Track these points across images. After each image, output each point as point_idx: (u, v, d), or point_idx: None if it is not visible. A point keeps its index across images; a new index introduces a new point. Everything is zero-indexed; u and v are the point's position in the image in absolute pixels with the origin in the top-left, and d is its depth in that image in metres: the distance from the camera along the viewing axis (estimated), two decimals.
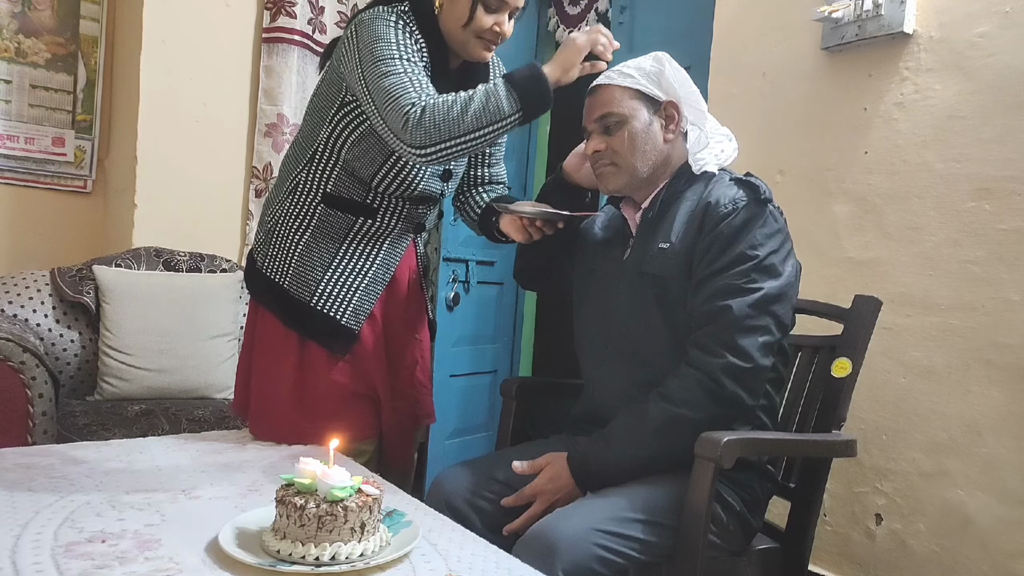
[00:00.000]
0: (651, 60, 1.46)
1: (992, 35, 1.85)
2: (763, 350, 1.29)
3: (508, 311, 3.47)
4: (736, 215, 1.33)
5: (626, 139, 1.42)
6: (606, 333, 1.46)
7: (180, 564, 0.91)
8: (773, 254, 1.32)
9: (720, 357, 1.27)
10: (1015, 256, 1.79)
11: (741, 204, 1.34)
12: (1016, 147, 1.80)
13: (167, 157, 2.63)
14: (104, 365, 2.27)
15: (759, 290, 1.29)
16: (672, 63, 1.46)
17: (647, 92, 1.43)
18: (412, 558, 0.98)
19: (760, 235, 1.32)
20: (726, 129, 1.54)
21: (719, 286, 1.30)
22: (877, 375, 2.01)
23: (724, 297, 1.29)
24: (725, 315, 1.28)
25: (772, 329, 1.31)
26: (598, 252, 1.56)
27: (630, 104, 1.42)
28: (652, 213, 1.45)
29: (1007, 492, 1.78)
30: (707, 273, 1.32)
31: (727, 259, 1.31)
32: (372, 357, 1.60)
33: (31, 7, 2.58)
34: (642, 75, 1.43)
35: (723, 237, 1.32)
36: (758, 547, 1.44)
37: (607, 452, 1.30)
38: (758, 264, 1.31)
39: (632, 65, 1.46)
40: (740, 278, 1.30)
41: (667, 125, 1.44)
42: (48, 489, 1.13)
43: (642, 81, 1.43)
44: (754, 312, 1.28)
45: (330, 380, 1.55)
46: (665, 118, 1.44)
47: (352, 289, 1.57)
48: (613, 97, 1.43)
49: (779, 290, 1.31)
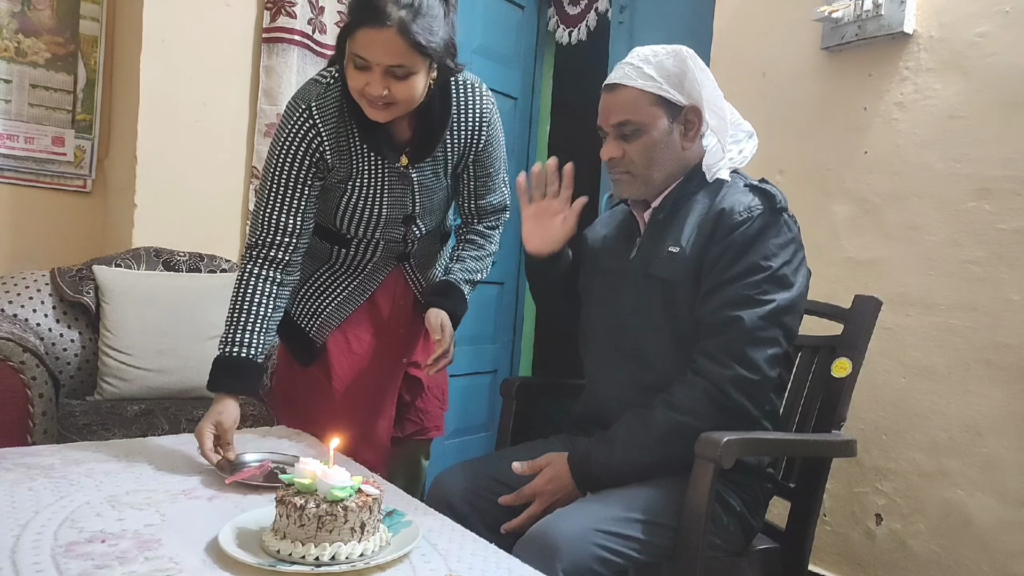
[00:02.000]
0: (673, 59, 1.36)
1: (992, 35, 1.84)
2: (771, 362, 1.29)
3: (508, 311, 3.47)
4: (751, 224, 1.30)
5: (643, 149, 1.36)
6: (610, 334, 1.45)
7: (180, 564, 0.91)
8: (786, 265, 1.30)
9: (729, 368, 1.26)
10: (1015, 256, 1.79)
11: (756, 213, 1.31)
12: (1016, 147, 1.80)
13: (167, 157, 2.62)
14: (104, 365, 2.27)
15: (771, 302, 1.28)
16: (695, 60, 1.37)
17: (668, 97, 1.35)
18: (412, 558, 0.98)
19: (774, 245, 1.30)
20: (748, 125, 1.47)
21: (730, 296, 1.29)
22: (877, 375, 2.01)
23: (735, 308, 1.28)
24: (736, 326, 1.27)
25: (781, 341, 1.30)
26: (604, 249, 1.54)
27: (649, 111, 1.35)
28: (663, 215, 1.41)
29: (1007, 492, 1.78)
30: (718, 282, 1.30)
31: (739, 269, 1.29)
32: (338, 378, 1.66)
33: (31, 7, 2.58)
34: (664, 77, 1.35)
35: (736, 246, 1.30)
36: (758, 547, 1.44)
37: (610, 455, 1.30)
38: (771, 275, 1.29)
39: (653, 62, 1.36)
40: (752, 289, 1.28)
41: (687, 132, 1.39)
42: (48, 489, 1.13)
43: (664, 85, 1.35)
44: (765, 324, 1.27)
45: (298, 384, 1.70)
46: (685, 123, 1.38)
47: (322, 307, 1.65)
48: (632, 102, 1.35)
49: (790, 302, 1.30)
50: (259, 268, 1.48)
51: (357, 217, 1.56)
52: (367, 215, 1.56)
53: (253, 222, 1.51)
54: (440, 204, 1.65)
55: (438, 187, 1.60)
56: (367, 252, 1.63)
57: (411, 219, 1.59)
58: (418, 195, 1.57)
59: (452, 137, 1.55)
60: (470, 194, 1.67)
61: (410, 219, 1.59)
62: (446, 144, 1.55)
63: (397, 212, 1.57)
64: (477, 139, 1.57)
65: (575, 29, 3.35)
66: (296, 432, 1.59)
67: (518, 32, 3.37)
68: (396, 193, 1.55)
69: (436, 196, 1.61)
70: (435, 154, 1.54)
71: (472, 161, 1.61)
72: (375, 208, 1.55)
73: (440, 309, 1.60)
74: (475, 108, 1.55)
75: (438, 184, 1.59)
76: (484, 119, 1.57)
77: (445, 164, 1.58)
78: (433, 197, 1.60)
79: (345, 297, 1.66)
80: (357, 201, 1.54)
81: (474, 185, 1.66)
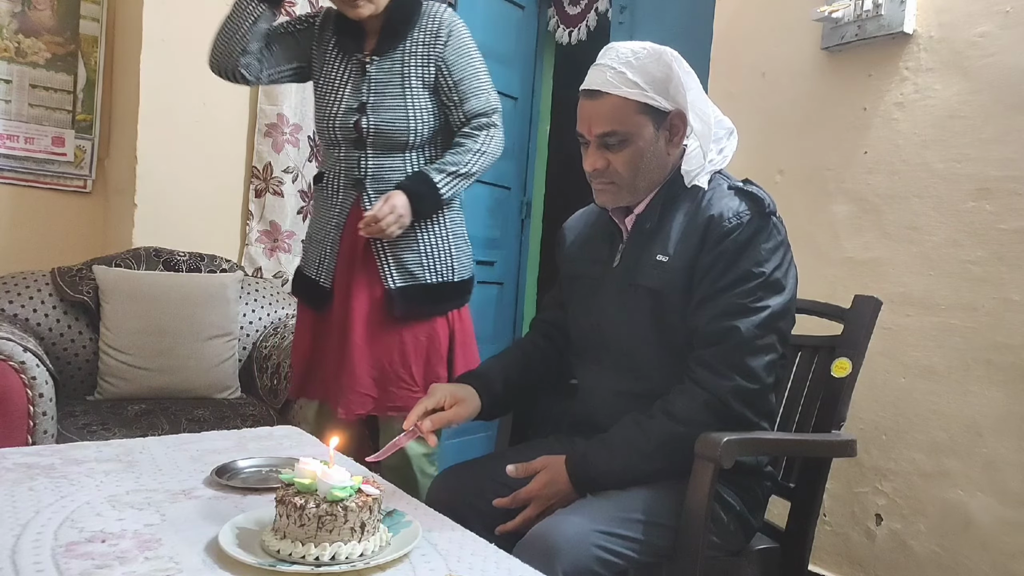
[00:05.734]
0: (657, 62, 1.30)
1: (992, 35, 1.84)
2: (769, 369, 1.29)
3: (508, 311, 3.48)
4: (741, 231, 1.28)
5: (629, 159, 1.32)
6: (599, 345, 1.43)
7: (180, 564, 0.91)
8: (777, 269, 1.30)
9: (729, 379, 1.26)
10: (1015, 256, 1.79)
11: (745, 219, 1.29)
12: (1016, 147, 1.79)
13: (167, 157, 2.63)
14: (104, 365, 2.27)
15: (765, 308, 1.27)
16: (680, 63, 1.33)
17: (655, 104, 1.29)
18: (412, 558, 0.98)
19: (765, 251, 1.29)
20: (728, 122, 1.43)
21: (725, 305, 1.28)
22: (877, 375, 2.01)
23: (731, 317, 1.27)
24: (733, 336, 1.26)
25: (777, 346, 1.30)
26: (583, 255, 1.50)
27: (635, 120, 1.29)
28: (649, 224, 1.37)
29: (1007, 492, 1.78)
30: (712, 291, 1.29)
31: (732, 276, 1.28)
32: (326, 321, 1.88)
33: (31, 7, 2.58)
34: (649, 83, 1.28)
35: (728, 254, 1.28)
36: (758, 547, 1.44)
37: (609, 460, 1.29)
38: (764, 281, 1.28)
39: (636, 66, 1.29)
40: (746, 297, 1.27)
41: (672, 138, 1.35)
42: (48, 489, 1.13)
43: (649, 91, 1.28)
44: (761, 332, 1.27)
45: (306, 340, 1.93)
46: (670, 128, 1.34)
47: (311, 242, 1.93)
48: (617, 112, 1.29)
49: (783, 306, 1.30)
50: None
51: (325, 109, 1.83)
52: (330, 100, 1.82)
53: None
54: (396, 107, 1.80)
55: (393, 85, 1.80)
56: (334, 180, 1.86)
57: (363, 108, 1.79)
58: (372, 84, 1.80)
59: (412, 40, 1.80)
60: (455, 105, 1.83)
61: (362, 108, 1.79)
62: (407, 46, 1.80)
63: (353, 100, 1.80)
64: (435, 42, 1.80)
65: (575, 29, 3.35)
66: (296, 432, 1.59)
67: (518, 32, 3.37)
68: (356, 83, 1.81)
69: (389, 92, 1.80)
70: (394, 55, 1.80)
71: (446, 72, 1.81)
72: (337, 94, 1.82)
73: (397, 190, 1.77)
74: (438, 17, 1.81)
75: (393, 82, 1.80)
76: (443, 26, 1.80)
77: (403, 66, 1.80)
78: (386, 92, 1.80)
79: (323, 231, 1.88)
80: (325, 87, 1.84)
81: (457, 96, 1.82)
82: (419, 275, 1.82)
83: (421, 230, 1.83)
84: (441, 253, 1.86)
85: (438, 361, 1.85)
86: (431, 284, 1.83)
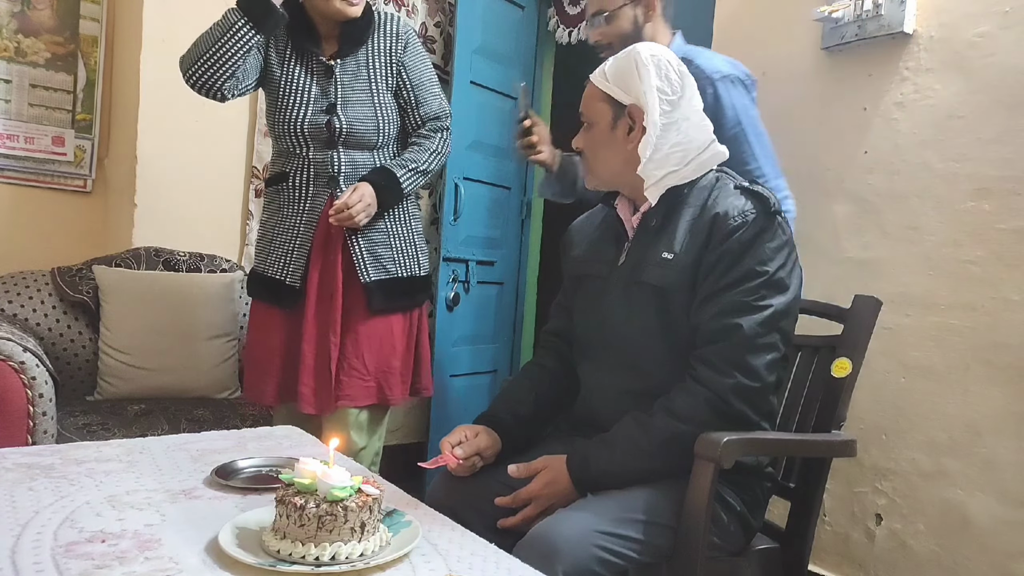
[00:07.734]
0: (625, 57, 1.39)
1: (992, 35, 1.85)
2: (770, 368, 1.29)
3: (508, 311, 3.47)
4: (746, 229, 1.30)
5: (590, 142, 1.43)
6: (603, 343, 1.44)
7: (180, 564, 0.91)
8: (781, 268, 1.30)
9: (730, 377, 1.26)
10: (1015, 256, 1.79)
11: (751, 217, 1.30)
12: (1016, 147, 1.80)
13: (167, 157, 2.62)
14: (104, 365, 2.27)
15: (768, 307, 1.28)
16: (643, 57, 1.37)
17: (612, 95, 1.39)
18: (412, 558, 0.97)
19: (769, 250, 1.30)
20: (706, 134, 1.40)
21: (728, 303, 1.28)
22: (877, 375, 2.01)
23: (734, 315, 1.28)
24: (735, 334, 1.27)
25: (779, 346, 1.30)
26: (590, 255, 1.52)
27: (597, 107, 1.41)
28: (656, 220, 1.39)
29: (1007, 492, 1.78)
30: (715, 288, 1.30)
31: (736, 275, 1.29)
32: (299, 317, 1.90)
33: (31, 7, 2.58)
34: (613, 75, 1.40)
35: (732, 252, 1.29)
36: (758, 547, 1.44)
37: (610, 460, 1.30)
38: (767, 280, 1.29)
39: (613, 61, 1.41)
40: (750, 295, 1.28)
41: (629, 132, 1.38)
42: (48, 489, 1.13)
43: (611, 83, 1.39)
44: (763, 330, 1.27)
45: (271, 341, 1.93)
46: (630, 121, 1.38)
47: (273, 243, 1.94)
48: (589, 98, 1.43)
49: (787, 306, 1.30)
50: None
51: (288, 110, 1.88)
52: (293, 101, 1.87)
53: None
54: (364, 108, 1.89)
55: (359, 87, 1.90)
56: (300, 179, 1.90)
57: (332, 108, 1.86)
58: (340, 86, 1.88)
59: (374, 45, 1.91)
60: (412, 108, 1.97)
61: (332, 108, 1.86)
62: (369, 50, 1.91)
63: (322, 101, 1.87)
64: (395, 46, 1.93)
65: (575, 29, 3.35)
66: (297, 432, 1.59)
67: (518, 32, 3.37)
68: (322, 84, 1.88)
69: (357, 94, 1.89)
70: (358, 58, 1.90)
71: (406, 76, 1.95)
72: (302, 96, 1.87)
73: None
74: (394, 26, 1.94)
75: (360, 84, 1.90)
76: (402, 34, 1.94)
77: (368, 69, 1.90)
78: (354, 94, 1.89)
79: (291, 232, 1.91)
80: (286, 88, 1.89)
81: (414, 99, 1.96)
82: (392, 269, 1.93)
83: (391, 221, 1.93)
84: (409, 247, 1.97)
85: (417, 352, 2.02)
86: (403, 278, 1.94)
